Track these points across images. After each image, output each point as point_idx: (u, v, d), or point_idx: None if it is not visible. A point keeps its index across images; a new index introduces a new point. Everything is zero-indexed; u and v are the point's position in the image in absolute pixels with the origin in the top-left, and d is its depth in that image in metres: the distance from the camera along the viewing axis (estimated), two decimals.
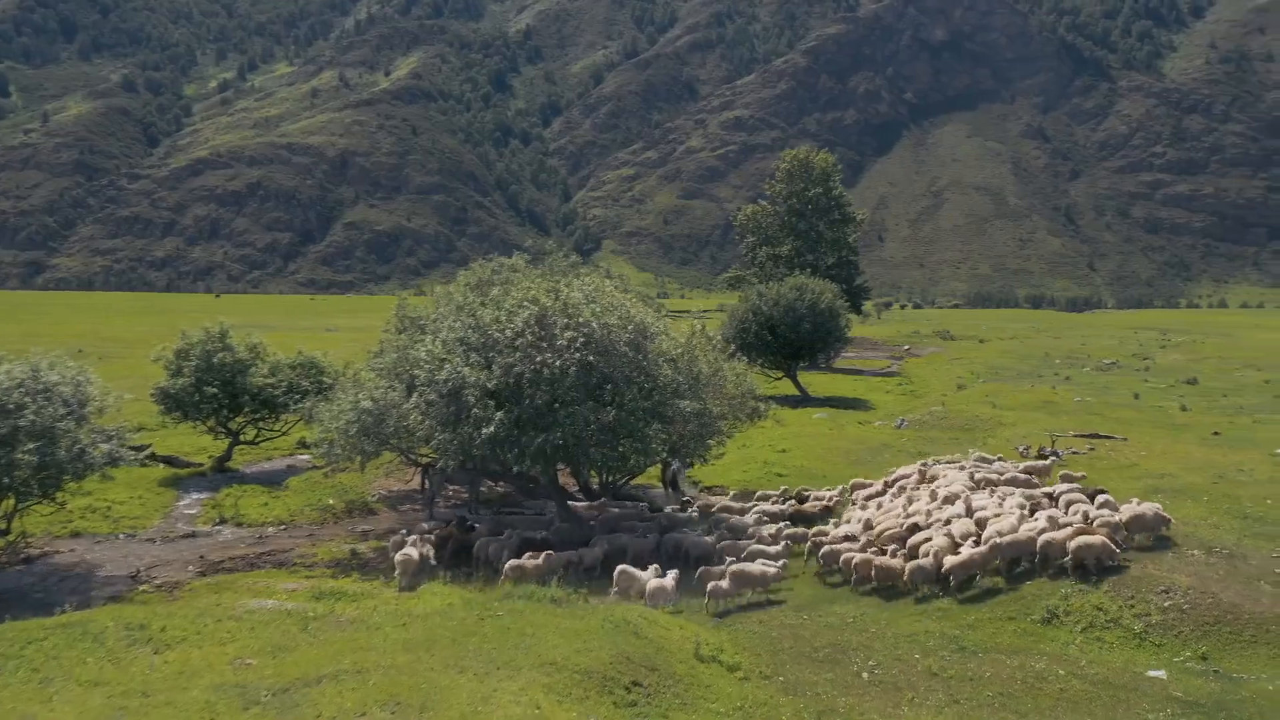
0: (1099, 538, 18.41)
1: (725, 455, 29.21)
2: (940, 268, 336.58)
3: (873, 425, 43.83)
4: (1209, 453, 29.88)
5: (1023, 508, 21.46)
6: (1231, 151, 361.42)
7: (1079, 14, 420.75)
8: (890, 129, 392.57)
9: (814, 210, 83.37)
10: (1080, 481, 25.02)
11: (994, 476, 25.67)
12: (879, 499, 26.13)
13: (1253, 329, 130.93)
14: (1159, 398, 49.43)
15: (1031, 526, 19.85)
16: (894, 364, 79.75)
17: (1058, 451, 29.75)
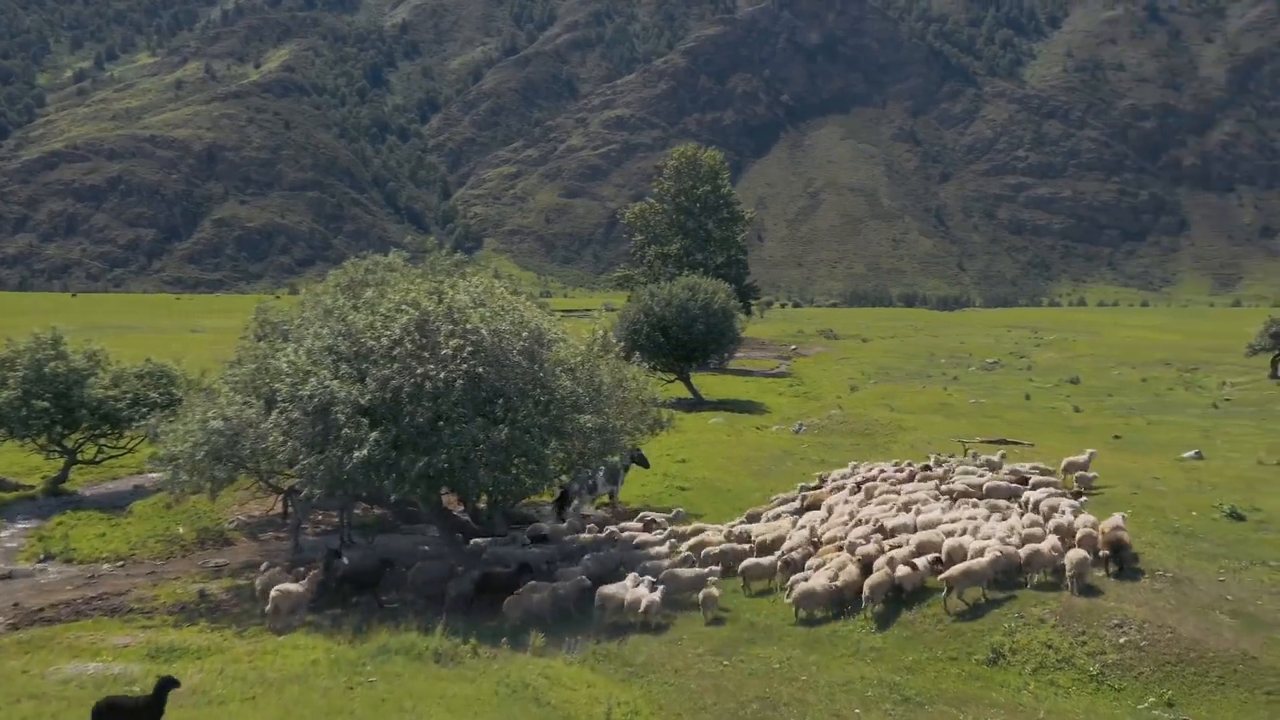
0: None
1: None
2: (818, 267, 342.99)
3: (770, 430, 42.33)
4: (1117, 459, 29.17)
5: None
6: (1087, 156, 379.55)
7: (946, 21, 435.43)
8: (768, 130, 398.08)
9: (703, 208, 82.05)
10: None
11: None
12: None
13: (1114, 327, 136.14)
14: (1048, 398, 49.58)
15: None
16: (782, 364, 79.18)
17: (975, 458, 28.53)
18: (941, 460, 27.25)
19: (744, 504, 27.11)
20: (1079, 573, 17.19)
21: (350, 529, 24.73)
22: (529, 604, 18.33)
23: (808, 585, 18.07)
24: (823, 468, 32.35)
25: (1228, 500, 22.26)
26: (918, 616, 17.16)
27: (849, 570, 18.53)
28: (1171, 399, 52.13)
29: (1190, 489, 24.29)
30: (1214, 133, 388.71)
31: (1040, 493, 22.03)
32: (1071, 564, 17.42)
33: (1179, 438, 34.42)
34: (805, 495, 25.46)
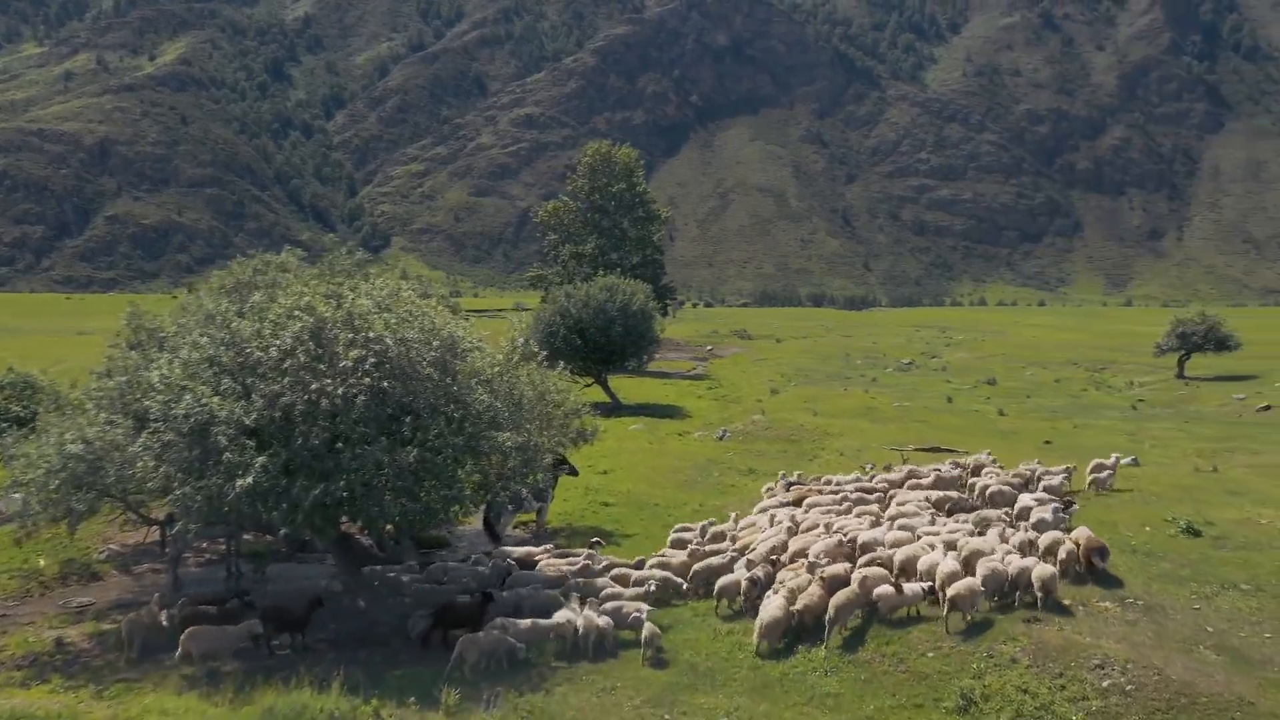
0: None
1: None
2: (728, 267, 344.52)
3: (693, 437, 40.74)
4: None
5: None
6: (986, 159, 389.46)
7: (851, 25, 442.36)
8: (678, 130, 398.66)
9: (618, 207, 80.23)
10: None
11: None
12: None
13: (1016, 326, 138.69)
14: (969, 400, 49.13)
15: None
16: (699, 365, 77.99)
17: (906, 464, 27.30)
18: (886, 469, 25.97)
19: (673, 519, 25.34)
20: (1048, 589, 16.15)
21: (238, 558, 22.11)
22: (488, 645, 16.28)
23: (770, 615, 16.42)
24: (751, 478, 30.89)
25: (1176, 512, 21.34)
26: (876, 656, 15.53)
27: (811, 593, 16.97)
28: (1088, 400, 52.33)
29: (1136, 500, 23.33)
30: (1105, 138, 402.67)
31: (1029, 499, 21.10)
32: (1039, 580, 16.28)
33: (1108, 442, 33.80)
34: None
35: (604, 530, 24.37)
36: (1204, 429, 38.99)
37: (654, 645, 16.38)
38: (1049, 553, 17.68)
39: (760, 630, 16.44)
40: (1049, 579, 16.42)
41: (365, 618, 18.63)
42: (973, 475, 25.09)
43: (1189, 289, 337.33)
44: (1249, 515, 21.44)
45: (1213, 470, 28.27)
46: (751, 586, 18.06)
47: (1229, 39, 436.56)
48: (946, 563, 17.18)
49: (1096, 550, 17.89)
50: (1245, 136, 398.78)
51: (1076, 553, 17.75)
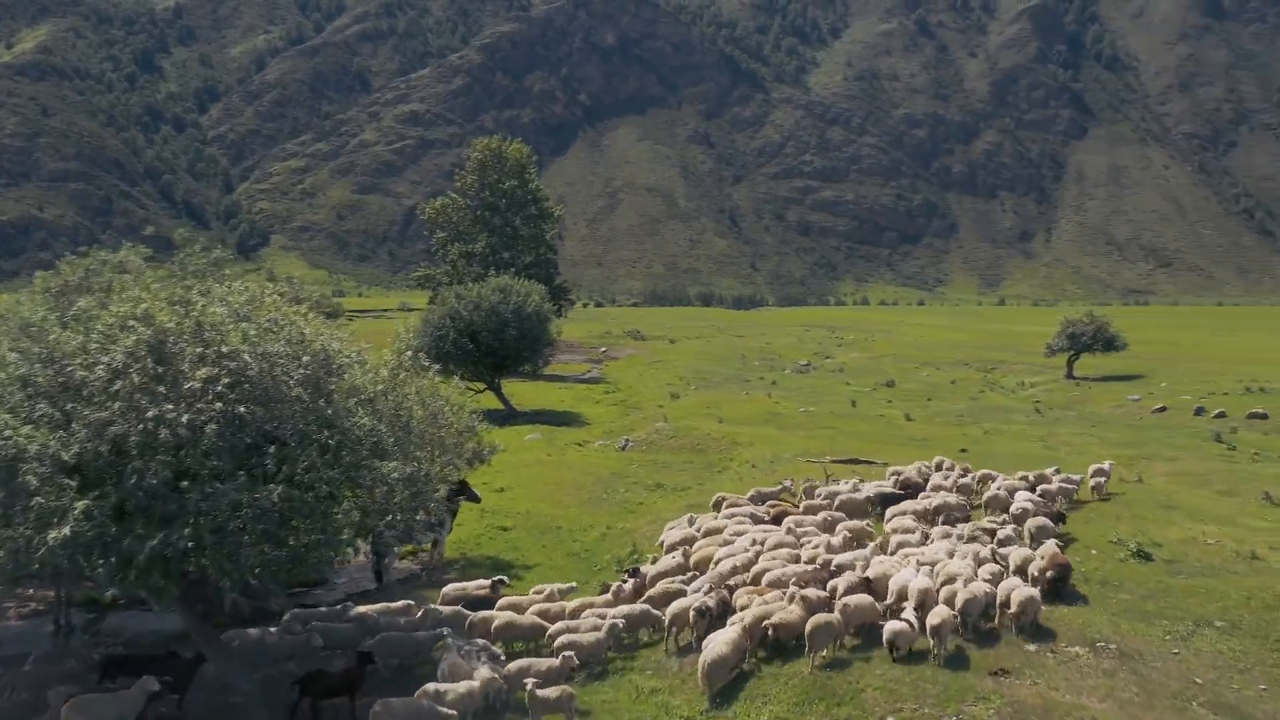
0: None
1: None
2: (618, 266, 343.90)
3: (593, 447, 38.47)
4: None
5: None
6: (867, 162, 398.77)
7: (736, 27, 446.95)
8: (566, 129, 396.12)
9: (509, 204, 77.34)
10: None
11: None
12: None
13: (901, 325, 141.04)
14: (872, 403, 48.20)
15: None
16: (595, 368, 75.75)
17: (830, 480, 25.51)
18: (813, 486, 24.20)
19: (577, 545, 23.07)
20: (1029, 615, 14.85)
21: (69, 608, 18.80)
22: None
23: (716, 654, 14.43)
24: (658, 493, 28.83)
25: (1118, 532, 20.17)
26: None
27: (792, 610, 15.27)
28: (988, 403, 52.11)
29: (1074, 517, 22.09)
30: (978, 142, 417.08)
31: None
32: (1017, 604, 14.92)
33: (1022, 449, 32.94)
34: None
35: (503, 561, 21.88)
36: (1112, 433, 38.63)
37: (568, 709, 14.04)
38: (1020, 571, 16.56)
39: (703, 670, 14.46)
40: (1027, 602, 15.21)
41: (224, 690, 15.68)
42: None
43: (1057, 289, 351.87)
44: (1192, 533, 20.40)
45: (1138, 480, 27.47)
46: (700, 618, 16.02)
47: (1091, 49, 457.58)
48: (919, 581, 15.76)
49: (1060, 567, 17.08)
50: (1107, 143, 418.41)
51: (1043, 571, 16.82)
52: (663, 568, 18.70)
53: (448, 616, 17.09)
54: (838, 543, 19.21)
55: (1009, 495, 22.43)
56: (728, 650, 14.60)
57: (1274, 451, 34.13)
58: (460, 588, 18.66)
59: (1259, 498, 24.98)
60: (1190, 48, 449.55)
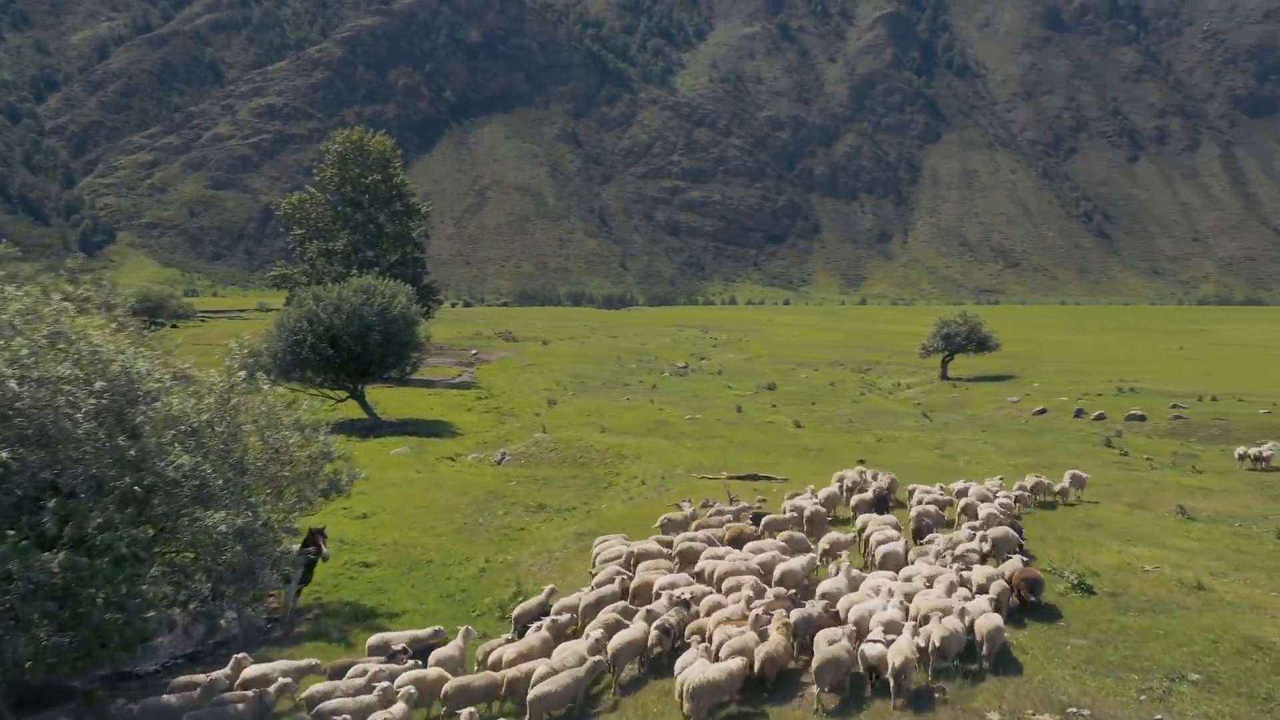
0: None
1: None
2: (486, 265, 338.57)
3: (467, 461, 35.50)
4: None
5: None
6: (733, 163, 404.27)
7: (602, 27, 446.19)
8: (432, 126, 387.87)
9: (372, 200, 72.95)
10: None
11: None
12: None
13: (770, 325, 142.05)
14: (759, 409, 46.66)
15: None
16: (466, 371, 72.32)
17: (734, 501, 23.29)
18: (712, 508, 22.01)
19: (451, 583, 20.19)
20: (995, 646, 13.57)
21: None
22: None
23: (708, 676, 12.64)
24: (541, 516, 26.20)
25: (1050, 558, 18.71)
26: None
27: (776, 640, 13.51)
28: (872, 406, 51.37)
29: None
30: (839, 145, 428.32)
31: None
32: (983, 636, 13.72)
33: (921, 459, 31.63)
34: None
35: (364, 608, 18.83)
36: (1006, 440, 37.87)
37: None
38: (982, 590, 15.38)
39: (688, 692, 12.65)
40: (993, 633, 13.96)
41: None
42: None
43: (914, 289, 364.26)
44: (1125, 558, 19.05)
45: (1058, 494, 26.39)
46: (664, 636, 14.29)
47: (943, 57, 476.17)
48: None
49: (1029, 582, 16.18)
50: (959, 147, 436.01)
51: (1008, 590, 15.68)
52: (597, 596, 16.33)
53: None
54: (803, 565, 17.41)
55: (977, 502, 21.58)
56: (722, 678, 12.84)
57: (1163, 456, 34.00)
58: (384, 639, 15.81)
59: (1173, 511, 24.15)
60: (1033, 58, 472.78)
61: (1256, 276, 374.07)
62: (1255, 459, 32.81)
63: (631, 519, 23.20)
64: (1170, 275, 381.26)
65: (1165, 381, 57.71)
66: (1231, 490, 27.74)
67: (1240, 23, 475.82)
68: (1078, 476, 25.53)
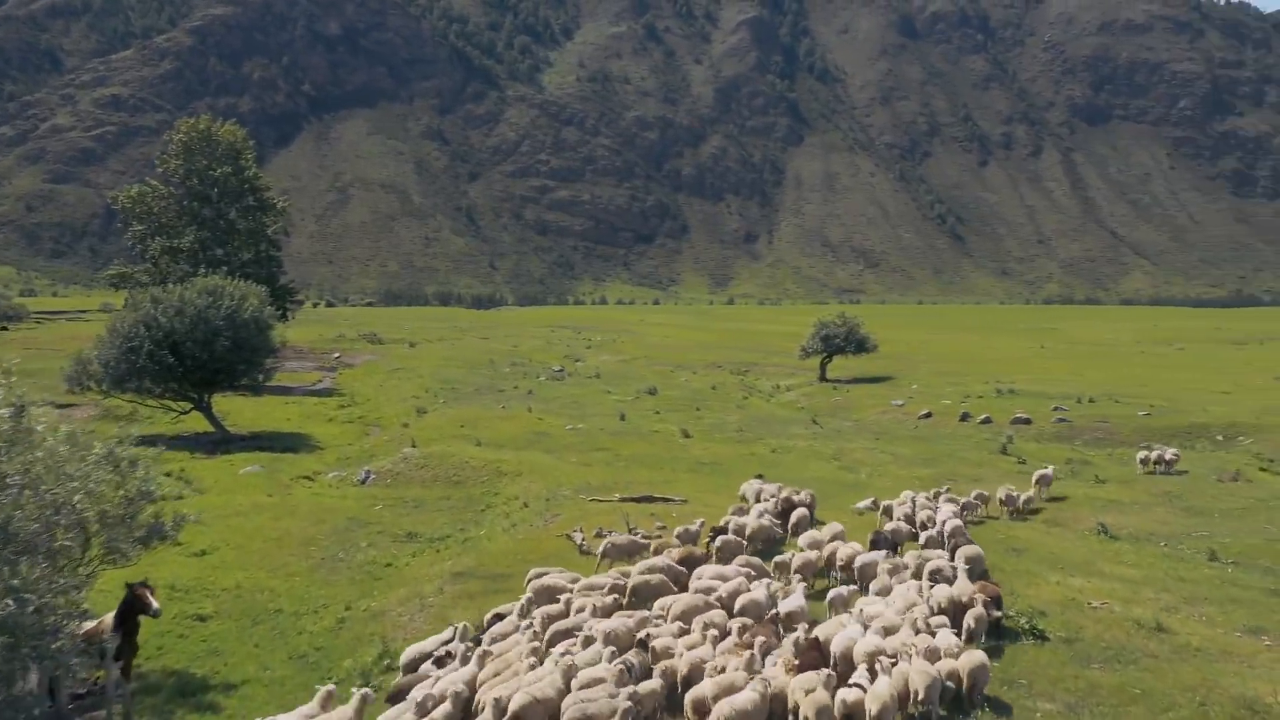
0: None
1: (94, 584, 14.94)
2: (350, 264, 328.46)
3: (327, 482, 32.12)
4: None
5: None
6: (602, 162, 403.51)
7: (467, 23, 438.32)
8: (290, 120, 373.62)
9: (222, 194, 67.60)
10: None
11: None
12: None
13: (643, 325, 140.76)
14: (642, 416, 44.51)
15: None
16: (327, 377, 67.92)
17: (633, 532, 20.84)
18: (606, 537, 19.56)
19: (303, 640, 17.14)
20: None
21: None
22: None
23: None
24: (412, 548, 23.28)
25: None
26: None
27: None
28: (758, 412, 49.89)
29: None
30: (706, 146, 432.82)
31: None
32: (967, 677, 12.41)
33: (821, 472, 29.91)
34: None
35: (194, 677, 15.60)
36: (902, 448, 36.60)
37: None
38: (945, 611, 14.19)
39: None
40: (978, 672, 12.74)
41: None
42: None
43: (779, 289, 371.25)
44: (1067, 592, 17.48)
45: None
46: (626, 675, 12.30)
47: (804, 61, 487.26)
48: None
49: (994, 599, 15.25)
50: (821, 150, 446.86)
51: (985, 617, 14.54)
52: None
53: None
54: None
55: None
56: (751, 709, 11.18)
57: (1058, 462, 33.38)
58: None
59: (1093, 530, 23.06)
60: (889, 64, 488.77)
61: (1095, 277, 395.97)
62: (1158, 461, 32.88)
63: (515, 553, 20.44)
64: (1017, 275, 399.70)
65: (1039, 382, 58.47)
66: (1142, 503, 27.10)
67: (1077, 35, 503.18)
68: (1045, 476, 25.59)
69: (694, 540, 19.43)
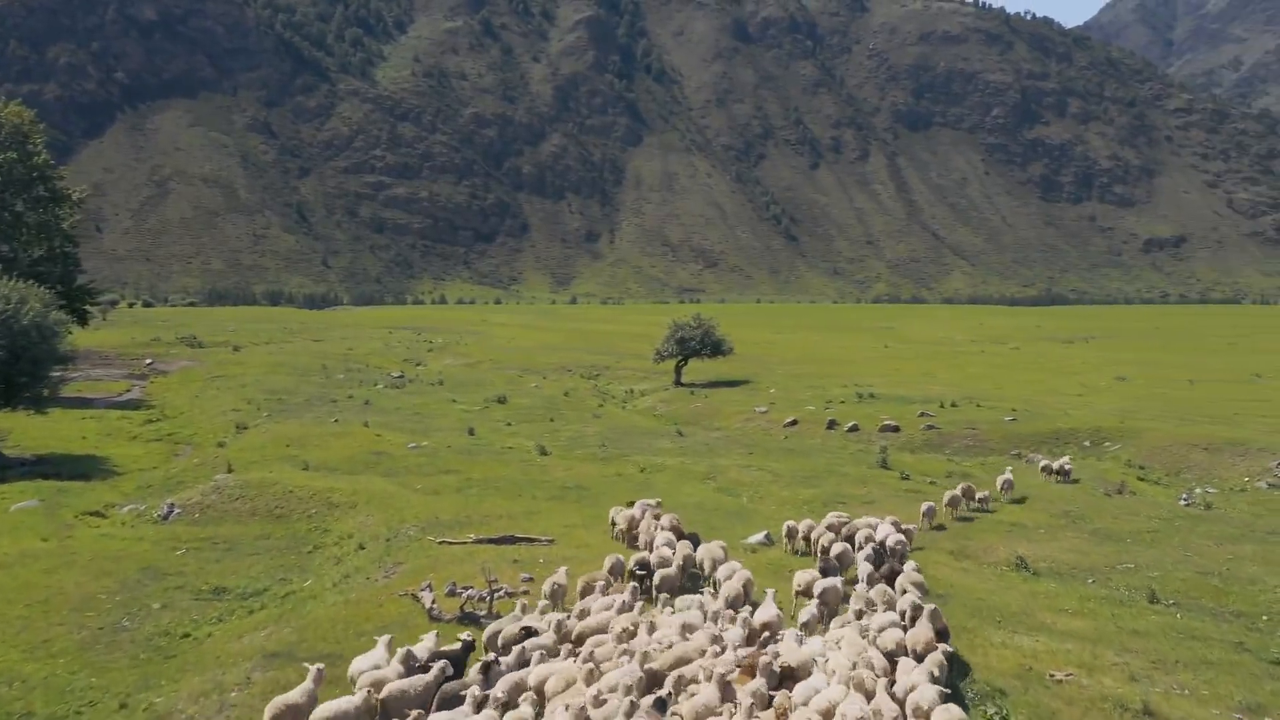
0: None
1: None
2: (170, 262, 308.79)
3: (120, 518, 27.14)
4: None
5: None
6: (440, 159, 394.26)
7: (295, 13, 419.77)
8: (102, 110, 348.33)
9: (6, 183, 59.57)
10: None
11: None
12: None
13: (486, 325, 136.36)
14: (493, 429, 40.77)
15: None
16: (136, 386, 61.12)
17: (495, 590, 17.06)
18: (463, 595, 16.01)
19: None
20: None
21: None
22: None
23: None
24: (218, 609, 19.00)
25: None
26: None
27: None
28: (618, 421, 46.84)
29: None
30: (546, 144, 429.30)
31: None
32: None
33: (701, 496, 26.63)
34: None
35: None
36: (774, 463, 33.78)
37: None
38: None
39: None
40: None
41: None
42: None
43: (621, 288, 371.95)
44: (1021, 659, 14.87)
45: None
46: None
47: (641, 62, 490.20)
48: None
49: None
50: (660, 150, 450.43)
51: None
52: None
53: None
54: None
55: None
56: None
57: (939, 476, 31.74)
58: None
59: (1011, 564, 20.89)
60: (724, 67, 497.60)
61: (919, 277, 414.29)
62: (1057, 471, 32.74)
63: (347, 622, 16.31)
64: (848, 275, 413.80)
65: (896, 385, 57.88)
66: (1046, 526, 25.31)
67: (900, 44, 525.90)
68: (1008, 482, 25.75)
69: (562, 597, 16.13)
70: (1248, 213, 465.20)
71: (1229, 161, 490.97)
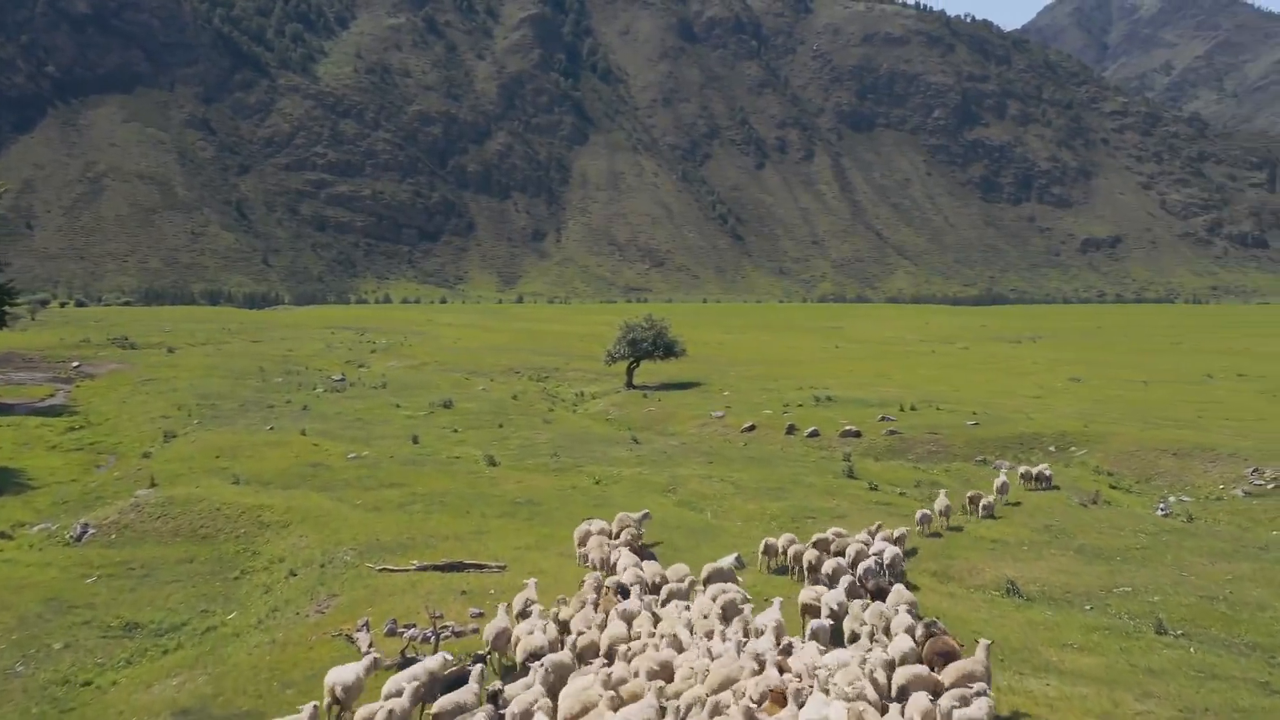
0: None
1: None
2: (105, 261, 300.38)
3: (29, 538, 24.86)
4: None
5: None
6: (383, 157, 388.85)
7: (233, 7, 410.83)
8: (32, 104, 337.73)
9: None
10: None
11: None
12: None
13: (431, 325, 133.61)
14: (439, 437, 38.74)
15: None
16: (60, 390, 58.03)
17: (439, 629, 15.16)
18: (402, 631, 14.22)
19: None
20: None
21: None
22: None
23: None
24: (126, 647, 17.07)
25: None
26: None
27: None
28: (570, 427, 44.98)
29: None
30: (491, 143, 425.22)
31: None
32: None
33: (662, 512, 24.68)
34: None
35: None
36: (736, 473, 31.82)
37: None
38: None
39: None
40: None
41: None
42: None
43: (568, 287, 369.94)
44: (1031, 708, 13.41)
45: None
46: None
47: (587, 61, 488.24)
48: None
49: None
50: (606, 149, 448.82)
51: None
52: None
53: None
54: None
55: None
56: None
57: (907, 485, 30.51)
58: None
59: (1000, 589, 19.49)
60: (670, 66, 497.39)
61: (864, 276, 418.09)
62: (1037, 478, 32.25)
63: (272, 669, 14.34)
64: (794, 275, 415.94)
65: (851, 387, 56.81)
66: (1030, 542, 23.96)
67: (843, 45, 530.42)
68: (1005, 485, 25.91)
69: (507, 642, 14.31)
70: (1180, 214, 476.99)
71: (1161, 164, 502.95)
